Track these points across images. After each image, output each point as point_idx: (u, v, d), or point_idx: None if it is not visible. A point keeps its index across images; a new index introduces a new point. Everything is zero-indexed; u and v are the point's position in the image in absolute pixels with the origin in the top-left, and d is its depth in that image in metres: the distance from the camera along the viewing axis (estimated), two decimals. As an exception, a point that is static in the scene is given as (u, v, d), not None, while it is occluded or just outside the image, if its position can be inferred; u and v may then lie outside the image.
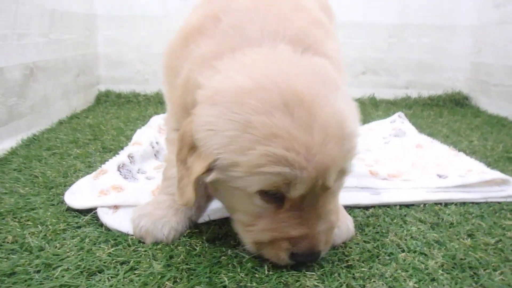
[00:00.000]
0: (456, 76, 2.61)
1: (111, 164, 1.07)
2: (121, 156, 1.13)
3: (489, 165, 1.37)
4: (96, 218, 0.90)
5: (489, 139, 1.75)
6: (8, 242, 0.79)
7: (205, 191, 0.88)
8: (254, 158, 0.64)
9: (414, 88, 2.62)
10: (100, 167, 1.09)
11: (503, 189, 1.12)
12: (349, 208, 1.02)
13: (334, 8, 2.42)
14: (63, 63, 1.83)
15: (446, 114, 2.28)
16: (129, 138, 1.52)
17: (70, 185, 1.02)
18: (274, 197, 0.70)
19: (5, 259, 0.74)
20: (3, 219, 0.89)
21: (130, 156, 1.13)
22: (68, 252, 0.77)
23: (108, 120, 1.84)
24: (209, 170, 0.68)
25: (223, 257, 0.78)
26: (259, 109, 0.65)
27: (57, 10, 1.76)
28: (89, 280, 0.70)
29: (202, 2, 0.93)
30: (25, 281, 0.69)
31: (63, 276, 0.70)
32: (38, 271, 0.71)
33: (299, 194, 0.68)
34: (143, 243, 0.82)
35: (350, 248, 0.83)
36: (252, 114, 0.65)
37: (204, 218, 0.91)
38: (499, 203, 1.09)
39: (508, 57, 2.23)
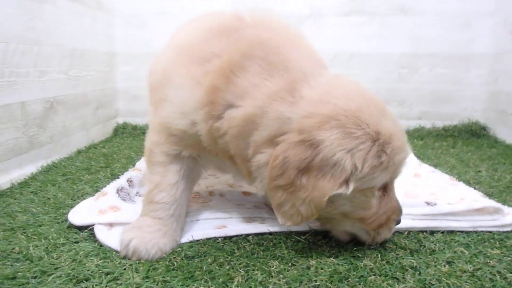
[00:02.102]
0: (473, 106, 2.54)
1: (111, 187, 1.18)
2: (121, 180, 1.24)
3: (491, 195, 1.35)
4: (92, 234, 1.00)
5: (498, 169, 1.71)
6: (14, 252, 0.92)
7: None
8: (387, 159, 0.84)
9: (428, 119, 2.58)
10: (101, 190, 1.19)
11: (495, 218, 1.11)
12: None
13: (343, 40, 2.47)
14: (83, 97, 1.99)
15: (460, 145, 2.23)
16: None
17: (75, 207, 1.14)
18: (385, 185, 0.91)
19: (10, 266, 0.87)
20: (14, 233, 1.02)
21: (129, 181, 1.24)
22: (63, 262, 0.88)
23: (121, 150, 1.98)
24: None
25: (197, 272, 0.84)
26: (371, 122, 0.83)
27: (78, 49, 1.93)
28: (76, 287, 0.80)
29: (204, 34, 0.97)
30: (23, 284, 0.80)
31: (54, 282, 0.80)
32: (35, 277, 0.82)
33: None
34: (129, 259, 0.90)
35: (322, 269, 0.87)
36: (369, 127, 0.82)
37: (188, 238, 0.98)
38: (490, 232, 1.08)
39: (527, 85, 2.17)
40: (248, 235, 1.02)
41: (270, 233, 1.03)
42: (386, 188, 0.92)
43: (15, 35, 1.44)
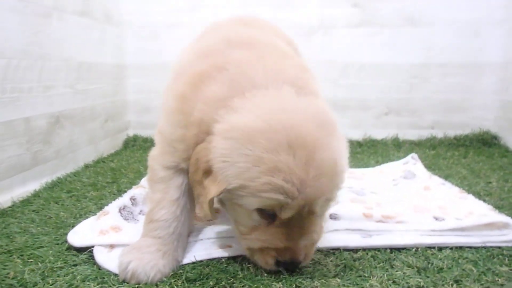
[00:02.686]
0: (485, 115, 2.53)
1: (113, 206, 1.15)
2: (124, 199, 1.21)
3: (501, 207, 1.33)
4: (92, 257, 0.97)
5: (509, 180, 1.69)
6: (9, 278, 0.88)
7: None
8: (259, 185, 0.81)
9: (440, 129, 2.56)
10: (103, 209, 1.18)
11: (504, 233, 1.08)
12: (337, 250, 1.03)
13: (353, 51, 2.50)
14: (91, 110, 2.00)
15: (471, 155, 2.20)
16: (144, 181, 1.62)
17: (76, 227, 1.11)
18: (268, 214, 0.87)
19: None
20: (11, 256, 0.98)
21: (133, 199, 1.21)
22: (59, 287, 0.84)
23: (130, 164, 1.96)
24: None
25: (199, 297, 0.82)
26: (267, 148, 0.81)
27: (85, 62, 1.94)
28: (71, 315, 0.76)
29: (197, 54, 1.05)
30: (15, 313, 0.76)
31: (48, 310, 0.77)
32: (29, 305, 0.78)
33: (288, 216, 0.85)
34: (128, 282, 0.88)
35: (327, 291, 0.85)
36: (262, 152, 0.81)
37: (190, 259, 0.96)
38: (499, 247, 1.05)
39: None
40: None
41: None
42: (277, 218, 0.87)
43: (18, 50, 1.44)
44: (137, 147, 2.43)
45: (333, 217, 1.20)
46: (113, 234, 1.02)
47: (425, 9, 2.46)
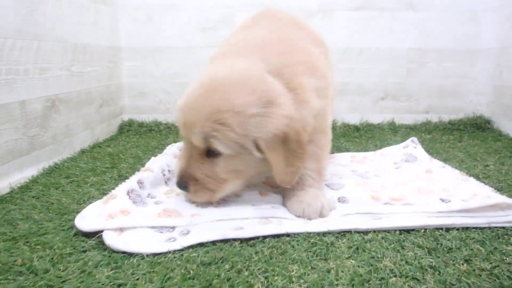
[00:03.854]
0: (478, 100, 2.59)
1: (120, 189, 1.12)
2: (131, 182, 1.17)
3: (501, 189, 1.36)
4: (101, 242, 0.95)
5: (505, 163, 1.72)
6: (17, 265, 0.85)
7: None
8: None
9: (435, 113, 2.60)
10: (110, 192, 1.15)
11: (507, 214, 1.10)
12: (349, 233, 1.03)
13: (352, 35, 2.49)
14: (86, 94, 1.95)
15: (466, 139, 2.24)
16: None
17: (82, 211, 1.08)
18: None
19: (12, 281, 0.80)
20: (16, 243, 0.95)
21: (140, 182, 1.18)
22: (71, 274, 0.82)
23: (128, 149, 1.93)
24: None
25: (215, 280, 0.80)
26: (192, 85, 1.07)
27: (80, 44, 1.88)
28: (87, 301, 0.74)
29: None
30: (28, 300, 0.74)
31: (63, 297, 0.75)
32: (41, 292, 0.76)
33: (185, 143, 1.08)
34: (142, 266, 0.86)
35: (342, 272, 0.85)
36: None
37: (204, 238, 0.95)
38: (503, 228, 1.07)
39: (530, 80, 2.18)
40: (265, 237, 0.99)
41: (288, 235, 1.01)
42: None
43: (13, 29, 1.38)
44: (132, 132, 2.39)
45: (341, 200, 1.20)
46: (122, 217, 1.00)
47: (424, -7, 2.46)
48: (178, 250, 0.93)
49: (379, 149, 1.94)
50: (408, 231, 1.05)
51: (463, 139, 2.23)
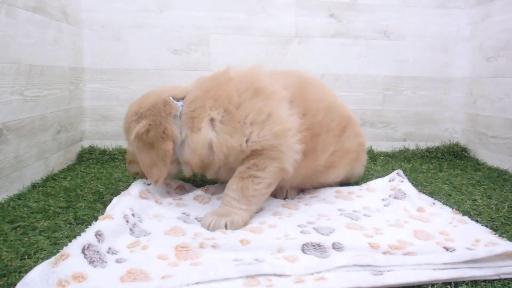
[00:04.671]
0: (454, 128, 2.59)
1: (74, 245, 0.90)
2: (87, 234, 0.96)
3: (496, 229, 1.29)
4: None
5: (492, 197, 1.66)
6: None
7: None
8: None
9: (412, 140, 2.57)
10: (62, 249, 0.94)
11: (517, 263, 1.00)
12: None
13: (329, 61, 2.43)
14: (41, 120, 1.73)
15: (446, 168, 2.19)
16: (106, 206, 1.38)
17: (27, 271, 0.87)
18: None
19: None
20: None
21: (99, 234, 0.97)
22: None
23: (87, 182, 1.70)
24: None
25: None
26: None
27: (37, 65, 1.67)
28: None
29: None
30: None
31: None
32: None
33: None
34: None
35: None
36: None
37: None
38: (514, 278, 0.97)
39: (505, 109, 2.18)
40: None
41: None
42: None
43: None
44: (93, 160, 2.16)
45: (336, 247, 1.06)
46: (75, 285, 0.80)
47: (398, 23, 2.48)
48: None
49: (361, 179, 1.84)
50: (413, 287, 0.93)
51: (443, 168, 2.18)
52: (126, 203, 1.19)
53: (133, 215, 1.16)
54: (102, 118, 2.32)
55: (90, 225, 1.20)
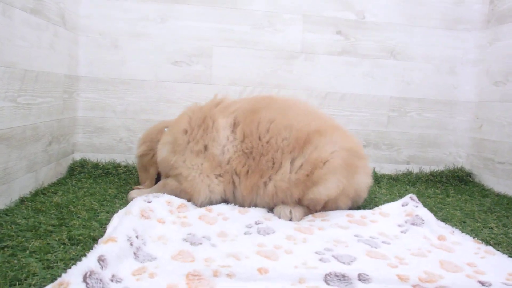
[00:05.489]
0: (458, 152, 2.53)
1: (75, 272, 0.79)
2: (89, 260, 0.84)
3: (518, 259, 1.20)
4: None
5: (508, 225, 1.59)
6: None
7: None
8: None
9: (416, 163, 2.50)
10: (60, 276, 0.81)
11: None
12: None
13: (334, 79, 2.37)
14: (33, 130, 1.60)
15: (453, 193, 2.13)
16: (103, 225, 1.26)
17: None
18: None
19: None
20: None
21: (101, 260, 0.86)
22: None
23: (80, 198, 1.57)
24: None
25: None
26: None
27: (32, 70, 1.56)
28: None
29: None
30: None
31: None
32: None
33: None
34: None
35: None
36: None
37: None
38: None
39: (512, 135, 2.14)
40: None
41: None
42: None
43: None
44: (85, 174, 2.02)
45: (362, 278, 0.96)
46: (76, 320, 0.68)
47: (406, 43, 2.44)
48: None
49: (368, 202, 1.76)
50: (453, 328, 0.83)
51: (450, 194, 2.12)
52: (129, 224, 1.08)
53: (137, 237, 1.04)
54: (96, 130, 2.20)
55: (86, 246, 1.08)
